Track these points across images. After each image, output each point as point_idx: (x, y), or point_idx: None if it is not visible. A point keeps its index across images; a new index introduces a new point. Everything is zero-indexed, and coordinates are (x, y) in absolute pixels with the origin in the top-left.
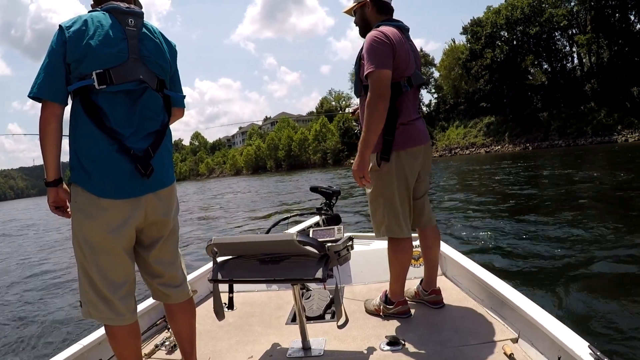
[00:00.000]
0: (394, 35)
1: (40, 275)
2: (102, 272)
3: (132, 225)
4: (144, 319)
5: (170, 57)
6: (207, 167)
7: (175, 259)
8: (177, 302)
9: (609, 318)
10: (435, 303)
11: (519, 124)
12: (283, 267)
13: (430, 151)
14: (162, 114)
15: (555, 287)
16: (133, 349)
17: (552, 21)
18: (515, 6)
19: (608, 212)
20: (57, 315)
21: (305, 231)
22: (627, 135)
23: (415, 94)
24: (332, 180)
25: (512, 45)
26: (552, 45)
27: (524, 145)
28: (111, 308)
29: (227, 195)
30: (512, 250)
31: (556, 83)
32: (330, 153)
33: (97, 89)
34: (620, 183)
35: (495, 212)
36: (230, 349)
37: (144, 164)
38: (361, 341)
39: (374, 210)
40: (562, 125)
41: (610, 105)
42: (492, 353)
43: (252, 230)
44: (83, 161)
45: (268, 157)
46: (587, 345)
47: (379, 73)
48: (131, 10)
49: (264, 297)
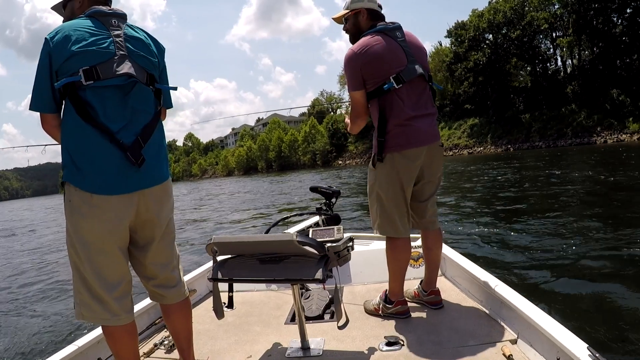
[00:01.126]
0: (367, 46)
1: (40, 274)
2: (97, 272)
3: (125, 223)
4: (142, 318)
5: (157, 53)
6: (200, 168)
7: (170, 260)
8: (173, 303)
9: (609, 320)
10: (435, 304)
11: (501, 126)
12: (283, 267)
13: (437, 151)
14: (153, 107)
15: (554, 289)
16: (130, 348)
17: (534, 24)
18: (498, 10)
19: (606, 213)
20: (56, 314)
21: (305, 231)
22: (607, 137)
23: (413, 89)
24: (325, 180)
25: (494, 48)
26: (535, 48)
27: (506, 147)
28: (106, 308)
29: (221, 196)
30: (510, 251)
31: (539, 85)
32: (319, 154)
33: (85, 85)
34: (613, 183)
35: (490, 212)
36: (229, 349)
37: (134, 152)
38: (360, 341)
39: (370, 207)
40: (543, 126)
41: (590, 107)
42: (491, 354)
43: (252, 229)
44: (74, 157)
45: (259, 158)
46: (586, 347)
47: (352, 95)
48: (113, 11)
49: (263, 296)
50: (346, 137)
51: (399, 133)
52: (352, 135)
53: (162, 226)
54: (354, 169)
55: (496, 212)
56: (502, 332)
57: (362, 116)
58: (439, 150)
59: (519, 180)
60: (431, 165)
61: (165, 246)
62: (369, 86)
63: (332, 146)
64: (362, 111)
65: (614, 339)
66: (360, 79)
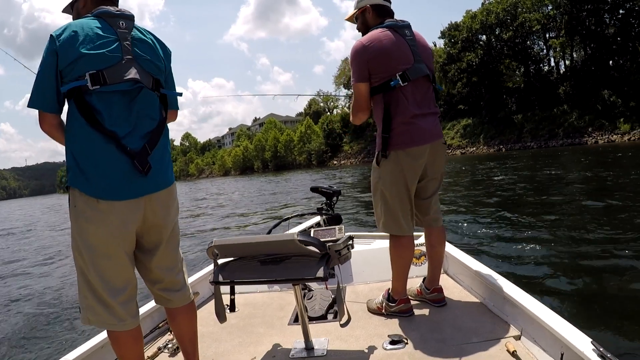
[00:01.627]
0: (375, 40)
1: (45, 274)
2: (103, 276)
3: (132, 228)
4: (146, 322)
5: (164, 57)
6: (197, 168)
7: (175, 264)
8: (178, 306)
9: (613, 314)
10: (438, 301)
11: (493, 126)
12: (284, 267)
13: (440, 149)
14: (159, 113)
15: (558, 284)
16: (136, 353)
17: (525, 26)
18: (491, 11)
19: (605, 211)
20: (61, 318)
21: (306, 231)
22: (597, 137)
23: (418, 88)
24: (321, 180)
25: (487, 49)
26: (528, 49)
27: (498, 147)
28: (111, 313)
29: (221, 197)
30: (513, 247)
31: (532, 86)
32: (315, 154)
33: (91, 90)
34: (613, 183)
35: (491, 210)
36: (233, 351)
37: (141, 160)
38: (364, 340)
39: (374, 205)
40: (535, 127)
41: (582, 107)
42: (494, 350)
43: (254, 229)
44: (80, 162)
45: (255, 157)
46: (590, 342)
47: (355, 87)
48: (121, 12)
49: (265, 298)
50: (341, 137)
51: (403, 131)
52: (347, 136)
53: (168, 230)
54: (349, 169)
55: (493, 211)
56: (505, 328)
57: (364, 110)
58: (442, 148)
59: (515, 179)
60: (434, 163)
61: (170, 250)
62: (374, 81)
63: (328, 146)
64: (364, 104)
65: (618, 333)
66: (366, 71)
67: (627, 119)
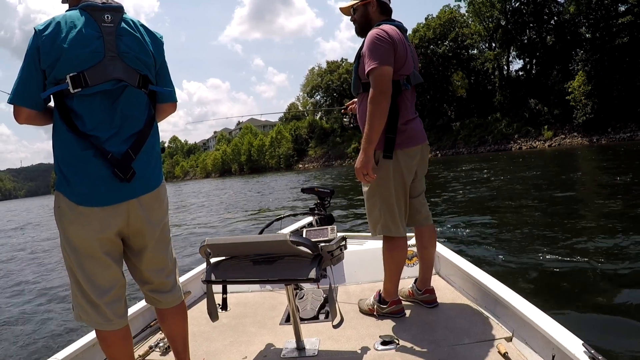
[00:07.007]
0: (395, 34)
1: (38, 275)
2: (88, 276)
3: (112, 232)
4: (137, 320)
5: (154, 50)
6: (182, 170)
7: (165, 265)
8: (168, 307)
9: (603, 316)
10: (429, 302)
11: (433, 133)
12: (276, 267)
13: (427, 150)
14: (145, 112)
15: (549, 286)
16: (124, 352)
17: (458, 40)
18: (430, 26)
19: (601, 209)
20: (52, 317)
21: (298, 231)
22: (522, 144)
23: (413, 94)
24: (290, 181)
25: (427, 62)
26: (470, 61)
27: (435, 153)
28: (99, 313)
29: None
30: (503, 248)
31: (474, 95)
32: (283, 158)
33: (72, 93)
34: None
35: (479, 211)
36: (224, 350)
37: (122, 167)
38: (355, 341)
39: (370, 208)
40: (469, 134)
41: (512, 115)
42: (486, 352)
43: (245, 229)
44: (62, 168)
45: (232, 161)
46: (582, 344)
47: (380, 70)
48: (107, 5)
49: (257, 297)
50: (307, 142)
51: (404, 131)
52: (312, 141)
53: (154, 232)
54: (312, 172)
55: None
56: (497, 329)
57: (387, 92)
58: (428, 149)
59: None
60: (422, 163)
61: (159, 252)
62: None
63: (295, 150)
64: (387, 88)
65: (609, 335)
66: (392, 56)
67: (551, 126)
